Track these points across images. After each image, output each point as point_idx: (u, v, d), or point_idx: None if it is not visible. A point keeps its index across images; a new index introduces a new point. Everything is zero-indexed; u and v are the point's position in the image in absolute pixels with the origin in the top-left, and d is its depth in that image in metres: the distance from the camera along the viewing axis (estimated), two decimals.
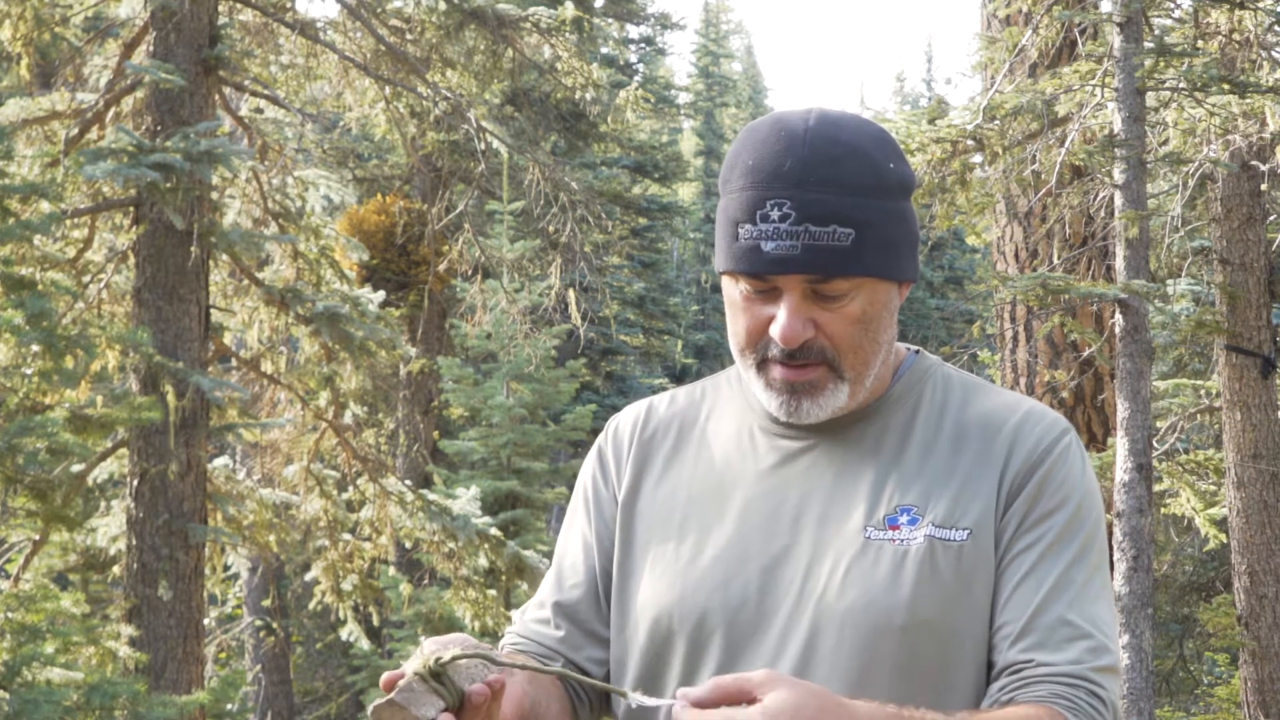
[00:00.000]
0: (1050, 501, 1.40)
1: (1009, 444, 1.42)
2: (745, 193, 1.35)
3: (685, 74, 35.16)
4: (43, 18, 7.03)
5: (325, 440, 7.88)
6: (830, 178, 1.34)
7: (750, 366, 1.42)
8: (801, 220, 1.32)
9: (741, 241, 1.35)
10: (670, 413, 1.56)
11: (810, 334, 1.37)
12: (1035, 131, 5.79)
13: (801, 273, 1.34)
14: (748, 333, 1.40)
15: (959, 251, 26.37)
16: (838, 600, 1.37)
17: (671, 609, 1.42)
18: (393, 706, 1.17)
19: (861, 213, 1.34)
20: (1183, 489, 7.30)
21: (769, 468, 1.46)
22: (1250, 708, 7.61)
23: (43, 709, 4.27)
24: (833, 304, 1.37)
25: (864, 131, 1.39)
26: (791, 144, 1.35)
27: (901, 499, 1.40)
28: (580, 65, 8.51)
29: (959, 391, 1.49)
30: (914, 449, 1.43)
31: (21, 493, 5.28)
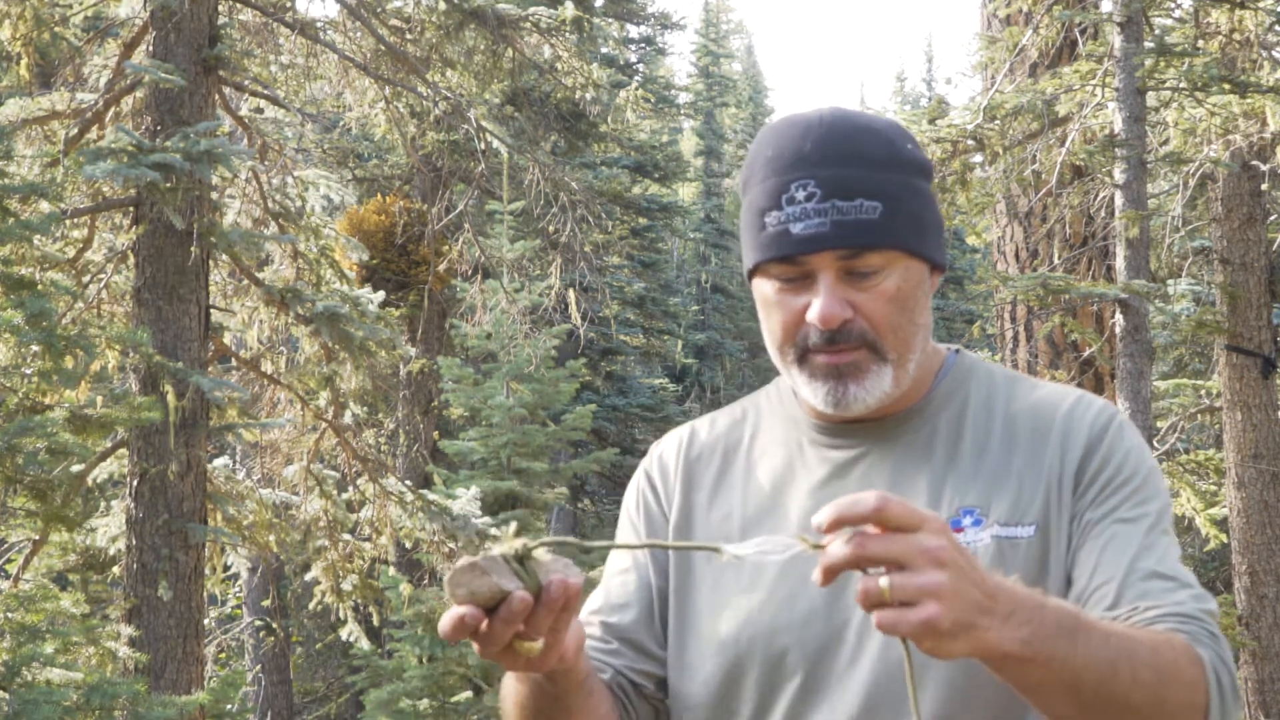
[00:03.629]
0: (1120, 475, 1.40)
1: (1064, 431, 1.42)
2: (768, 181, 1.35)
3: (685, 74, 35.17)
4: (43, 18, 7.03)
5: (325, 440, 7.88)
6: (851, 152, 1.34)
7: (791, 364, 1.40)
8: (828, 197, 1.32)
9: (769, 230, 1.35)
10: (713, 435, 1.55)
11: (848, 314, 1.35)
12: (1035, 131, 5.79)
13: (833, 248, 1.33)
14: (784, 327, 1.39)
15: (959, 251, 26.37)
16: None
17: (739, 635, 1.41)
18: (475, 569, 1.14)
19: (886, 186, 1.34)
20: (1183, 489, 7.30)
21: (821, 480, 1.44)
22: (1250, 708, 7.61)
23: (43, 709, 4.26)
24: (867, 282, 1.35)
25: (878, 118, 1.41)
26: (808, 129, 1.35)
27: (962, 501, 1.39)
28: (580, 65, 8.51)
29: (1004, 386, 1.48)
30: (967, 449, 1.42)
31: (21, 493, 5.27)
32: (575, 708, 1.36)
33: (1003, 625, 1.11)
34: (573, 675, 1.32)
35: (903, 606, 1.07)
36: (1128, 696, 1.20)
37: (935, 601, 1.06)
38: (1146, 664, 1.21)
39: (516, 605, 1.14)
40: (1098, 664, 1.18)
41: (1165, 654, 1.24)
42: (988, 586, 1.12)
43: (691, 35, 36.31)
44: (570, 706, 1.36)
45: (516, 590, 1.14)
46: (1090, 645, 1.18)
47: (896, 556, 1.07)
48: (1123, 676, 1.19)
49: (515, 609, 1.14)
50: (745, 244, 1.40)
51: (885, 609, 1.07)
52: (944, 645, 1.09)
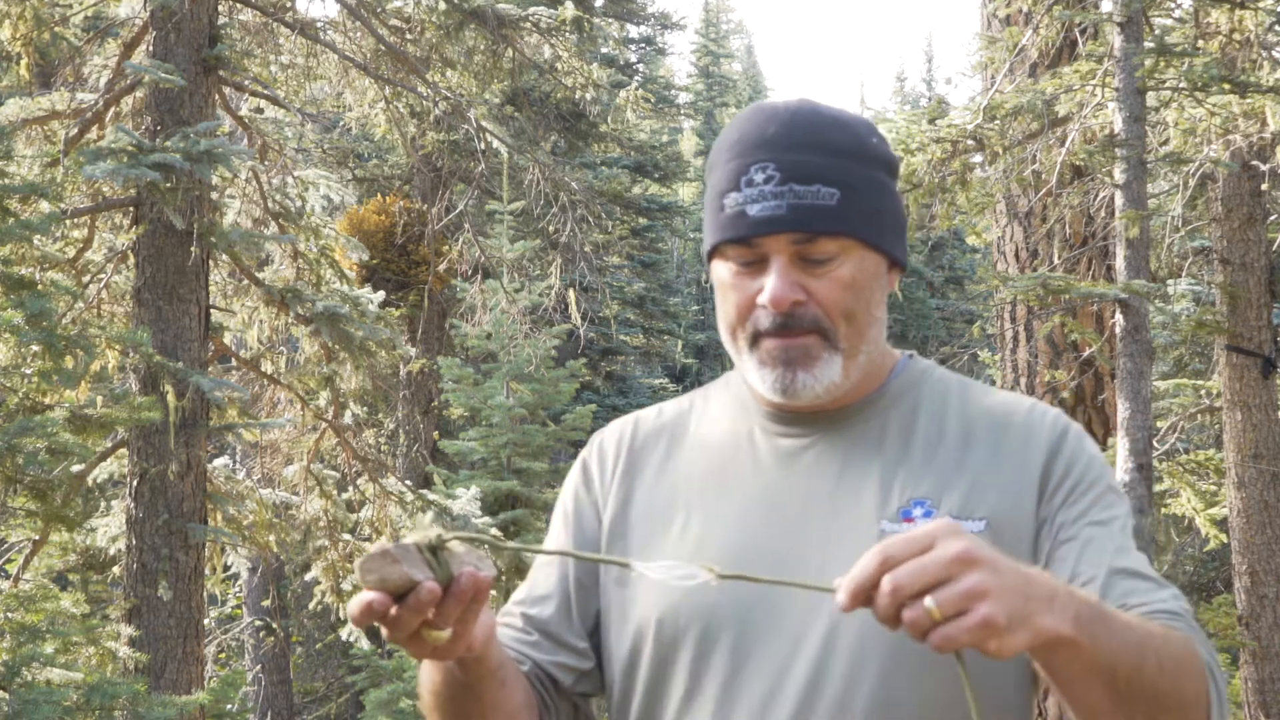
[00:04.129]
0: (1086, 479, 1.40)
1: (1024, 435, 1.42)
2: (729, 164, 1.37)
3: (685, 74, 35.15)
4: (43, 18, 7.03)
5: (325, 440, 7.88)
6: (813, 140, 1.35)
7: (743, 348, 1.40)
8: (786, 180, 1.33)
9: (727, 211, 1.36)
10: (659, 423, 1.54)
11: (800, 297, 1.36)
12: (1035, 131, 5.79)
13: (788, 231, 1.33)
14: (737, 309, 1.39)
15: (959, 251, 26.37)
16: None
17: (676, 612, 1.39)
18: (387, 557, 1.15)
19: (845, 175, 1.35)
20: (1183, 489, 7.30)
21: (769, 466, 1.44)
22: (1250, 708, 7.61)
23: (43, 709, 4.26)
24: (821, 269, 1.36)
25: (846, 112, 1.42)
26: (774, 115, 1.37)
27: (914, 492, 1.38)
28: (580, 65, 8.51)
29: (958, 390, 1.48)
30: (919, 444, 1.42)
31: (21, 493, 5.27)
32: (487, 697, 1.36)
33: (1050, 609, 1.10)
34: (484, 664, 1.32)
35: (955, 618, 1.05)
36: (1155, 684, 1.19)
37: (984, 601, 1.05)
38: (1166, 653, 1.21)
39: (424, 595, 1.15)
40: (1129, 649, 1.17)
41: (1176, 645, 1.23)
42: (1024, 573, 1.11)
43: (691, 35, 36.31)
44: (481, 696, 1.36)
45: (426, 580, 1.15)
46: (1120, 630, 1.18)
47: (933, 577, 1.05)
48: (1150, 663, 1.19)
49: (423, 599, 1.15)
50: (706, 226, 1.41)
51: (938, 629, 1.05)
52: (1006, 642, 1.07)
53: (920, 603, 1.05)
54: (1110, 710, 1.19)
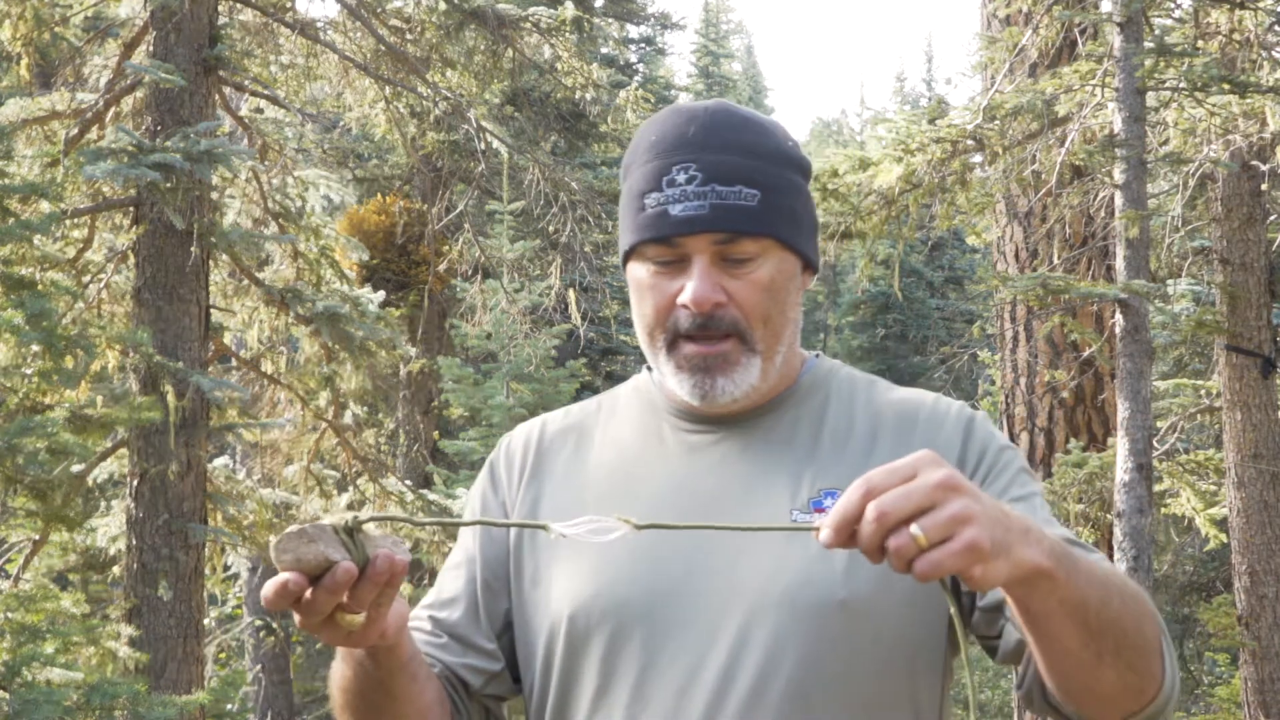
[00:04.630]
0: (1000, 461, 1.42)
1: (933, 426, 1.44)
2: (649, 164, 1.37)
3: (685, 74, 35.16)
4: (43, 18, 7.03)
5: (325, 440, 7.88)
6: (734, 141, 1.36)
7: (660, 350, 1.40)
8: (708, 180, 1.33)
9: (648, 211, 1.36)
10: (565, 424, 1.55)
11: (721, 298, 1.36)
12: (1035, 131, 5.79)
13: (710, 231, 1.34)
14: (656, 310, 1.39)
15: (959, 251, 26.37)
16: (772, 583, 1.34)
17: (588, 606, 1.39)
18: (303, 537, 1.13)
19: (765, 176, 1.36)
20: (1183, 489, 7.30)
21: (679, 461, 1.44)
22: (1250, 708, 7.60)
23: (43, 709, 4.26)
24: (741, 269, 1.37)
25: (762, 115, 1.43)
26: (694, 116, 1.38)
27: (826, 482, 1.39)
28: (580, 65, 8.51)
29: (864, 386, 1.50)
30: (829, 437, 1.43)
31: (21, 493, 5.27)
32: (398, 691, 1.35)
33: (1027, 541, 1.10)
34: (395, 656, 1.32)
35: (941, 544, 1.04)
36: (1120, 621, 1.19)
37: (969, 526, 1.04)
38: (1127, 593, 1.22)
39: (340, 575, 1.13)
40: (1095, 585, 1.17)
41: (1132, 588, 1.24)
42: (1001, 507, 1.10)
43: (691, 35, 36.31)
44: (393, 689, 1.35)
45: (343, 561, 1.14)
46: (1086, 567, 1.18)
47: (917, 504, 1.04)
48: (1114, 600, 1.19)
49: (339, 579, 1.13)
50: (623, 227, 1.40)
51: (924, 556, 1.03)
52: (990, 570, 1.06)
53: (905, 530, 1.04)
54: (1080, 647, 1.18)
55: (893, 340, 26.24)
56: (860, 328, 26.80)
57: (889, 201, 6.19)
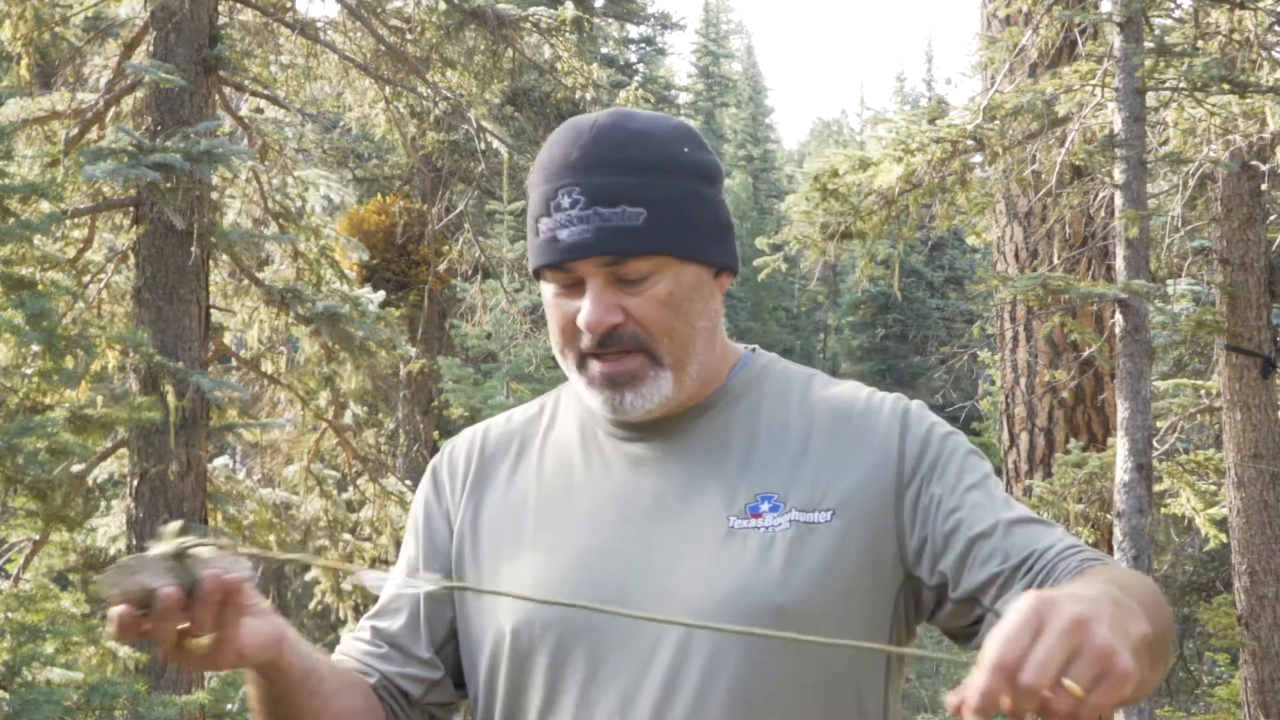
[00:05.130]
0: (945, 450, 1.41)
1: (869, 421, 1.43)
2: (540, 188, 1.37)
3: (685, 74, 35.16)
4: (43, 18, 7.03)
5: (325, 440, 7.88)
6: (617, 159, 1.34)
7: (572, 368, 1.42)
8: (590, 204, 1.33)
9: (541, 236, 1.36)
10: (508, 430, 1.54)
11: (617, 319, 1.36)
12: (1035, 131, 5.79)
13: (596, 255, 1.34)
14: (561, 331, 1.40)
15: (959, 251, 26.38)
16: (711, 590, 1.35)
17: (530, 620, 1.39)
18: (125, 569, 1.15)
19: (651, 192, 1.34)
20: (1183, 489, 7.29)
21: (617, 469, 1.44)
22: (1250, 708, 7.60)
23: (43, 709, 4.27)
24: (637, 288, 1.36)
25: (657, 121, 1.40)
26: (578, 135, 1.36)
27: (761, 487, 1.39)
28: (580, 65, 8.51)
29: (800, 382, 1.49)
30: (764, 438, 1.43)
31: (21, 493, 5.27)
32: (300, 708, 1.35)
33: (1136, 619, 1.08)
34: (285, 674, 1.31)
35: (1096, 685, 1.00)
36: (1164, 635, 1.18)
37: (1113, 655, 1.00)
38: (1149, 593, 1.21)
39: (162, 601, 1.15)
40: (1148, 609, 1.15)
41: (1149, 585, 1.24)
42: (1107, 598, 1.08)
43: (691, 35, 36.31)
44: (297, 707, 1.35)
45: (164, 587, 1.15)
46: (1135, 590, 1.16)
47: (1060, 663, 1.00)
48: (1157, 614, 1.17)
49: (163, 605, 1.15)
50: (528, 248, 1.42)
51: (1086, 704, 0.99)
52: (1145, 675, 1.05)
53: (1061, 690, 1.00)
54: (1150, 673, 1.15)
55: (893, 340, 26.24)
56: (860, 328, 26.81)
57: (889, 201, 6.19)
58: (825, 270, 25.70)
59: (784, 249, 6.48)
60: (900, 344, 26.26)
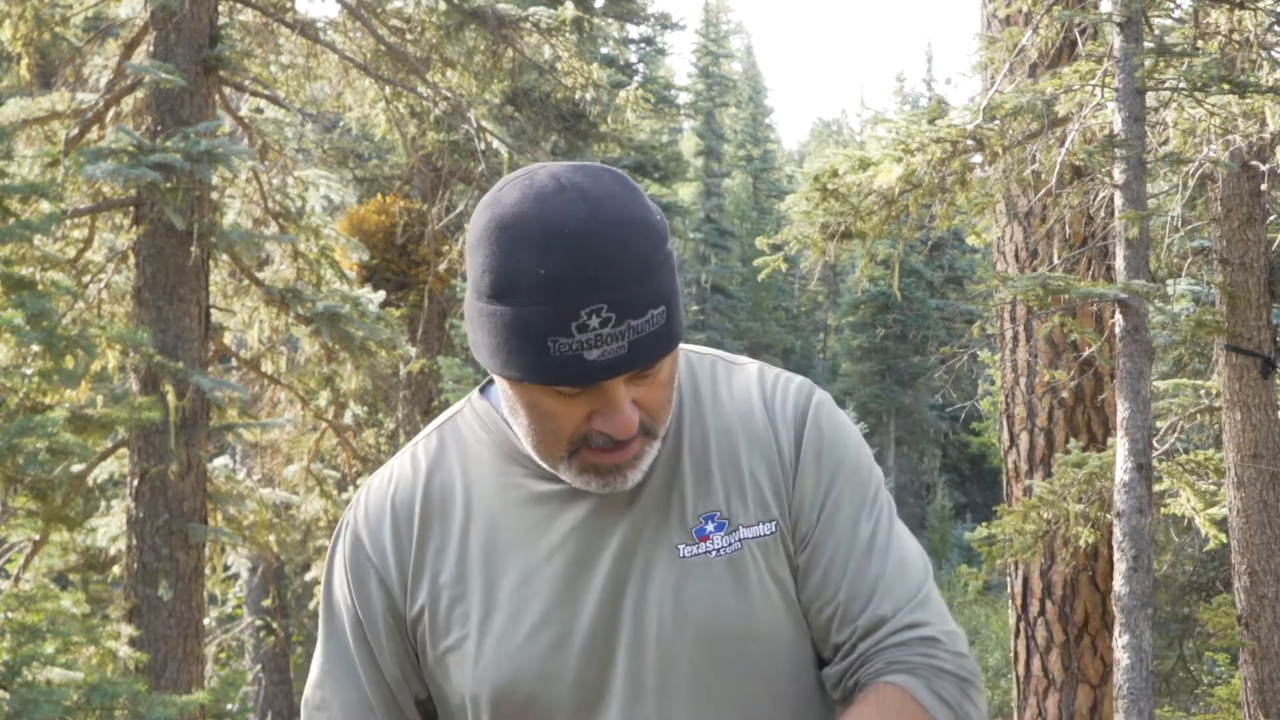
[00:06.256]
0: (829, 468, 1.41)
1: (766, 421, 1.42)
2: (549, 305, 1.24)
3: (685, 74, 35.18)
4: (43, 18, 7.03)
5: (325, 440, 7.88)
6: (631, 266, 1.25)
7: (561, 458, 1.34)
8: (622, 319, 1.24)
9: (555, 355, 1.24)
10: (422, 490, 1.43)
11: (638, 417, 1.32)
12: (1035, 131, 5.79)
13: (632, 370, 1.27)
14: (563, 432, 1.32)
15: (959, 251, 26.39)
16: (681, 622, 1.35)
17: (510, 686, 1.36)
18: None
19: (663, 283, 1.28)
20: (1183, 489, 7.30)
21: (556, 517, 1.39)
22: (1250, 708, 7.61)
23: (43, 709, 4.27)
24: (648, 378, 1.32)
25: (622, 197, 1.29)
26: (579, 243, 1.24)
27: (703, 507, 1.38)
28: (580, 65, 8.51)
29: (705, 379, 1.46)
30: (688, 455, 1.40)
31: (21, 493, 5.28)
32: None
33: None
34: None
35: None
36: None
37: None
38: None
39: None
40: None
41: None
42: None
43: (691, 35, 36.32)
44: None
45: None
46: None
47: None
48: None
49: None
50: (508, 357, 1.27)
51: None
52: None
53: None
54: None
55: (893, 340, 26.24)
56: (860, 328, 26.81)
57: (889, 201, 6.19)
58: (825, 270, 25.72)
59: (784, 249, 6.48)
60: (900, 344, 26.25)
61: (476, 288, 1.27)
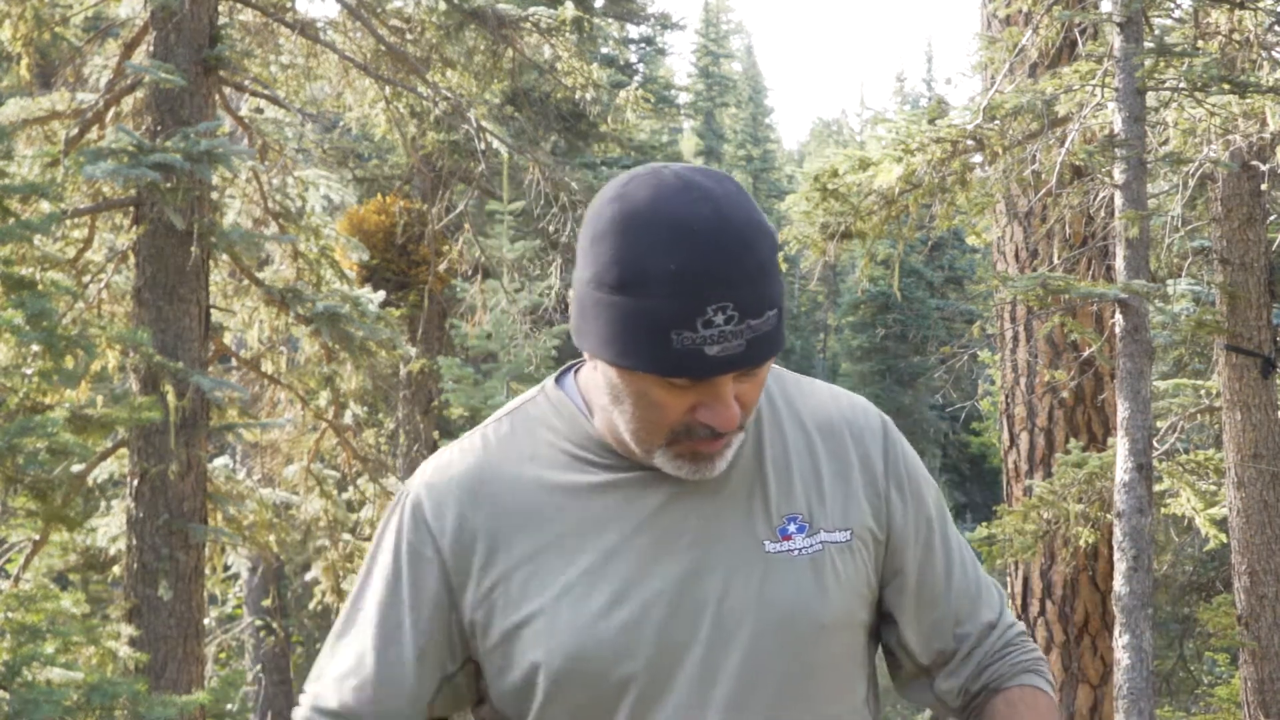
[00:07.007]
0: (915, 483, 1.53)
1: (852, 438, 1.51)
2: (676, 300, 1.29)
3: (685, 74, 35.19)
4: (43, 18, 7.03)
5: (325, 440, 7.88)
6: (755, 267, 1.31)
7: (659, 446, 1.38)
8: (744, 318, 1.30)
9: (676, 348, 1.30)
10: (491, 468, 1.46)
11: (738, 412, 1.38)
12: (1035, 131, 5.79)
13: (746, 366, 1.33)
14: (665, 421, 1.37)
15: (959, 251, 26.39)
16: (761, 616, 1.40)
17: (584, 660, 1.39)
18: None
19: (777, 286, 1.34)
20: (1183, 489, 7.30)
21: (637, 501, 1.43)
22: (1250, 708, 7.61)
23: (43, 709, 4.27)
24: (751, 376, 1.37)
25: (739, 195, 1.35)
26: (708, 242, 1.30)
27: (786, 509, 1.45)
28: (580, 65, 8.51)
29: (782, 400, 1.52)
30: (772, 459, 1.47)
31: (21, 493, 5.27)
32: None
33: None
34: None
35: None
36: None
37: None
38: None
39: None
40: None
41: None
42: None
43: (691, 35, 36.32)
44: None
45: None
46: None
47: None
48: None
49: None
50: (627, 346, 1.32)
51: None
52: None
53: None
54: None
55: (893, 340, 26.24)
56: (860, 328, 26.80)
57: (889, 201, 6.19)
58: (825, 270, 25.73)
59: (784, 249, 6.48)
60: (900, 344, 26.26)
61: (599, 279, 1.32)
